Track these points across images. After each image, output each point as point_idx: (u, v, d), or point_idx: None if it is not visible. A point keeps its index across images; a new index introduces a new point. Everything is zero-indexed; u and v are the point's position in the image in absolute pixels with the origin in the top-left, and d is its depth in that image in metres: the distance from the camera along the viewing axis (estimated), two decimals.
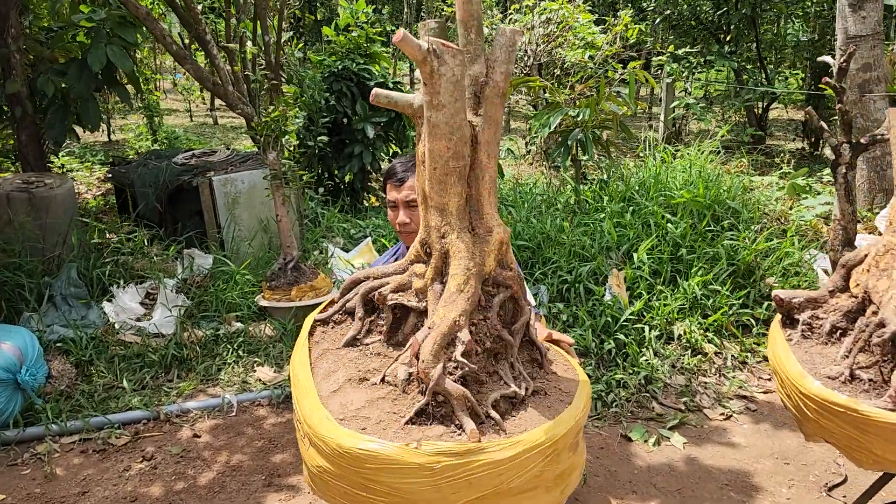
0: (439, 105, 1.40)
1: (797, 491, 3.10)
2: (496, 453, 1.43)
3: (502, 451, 1.44)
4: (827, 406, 1.93)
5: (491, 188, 1.59)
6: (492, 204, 1.63)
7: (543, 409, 1.59)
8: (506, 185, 6.66)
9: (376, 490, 1.46)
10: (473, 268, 1.59)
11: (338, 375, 1.70)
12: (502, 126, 1.54)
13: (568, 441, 1.54)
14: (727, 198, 5.22)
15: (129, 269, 4.72)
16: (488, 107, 1.50)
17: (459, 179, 1.54)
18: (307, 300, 4.47)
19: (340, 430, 1.49)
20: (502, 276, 1.65)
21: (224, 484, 3.12)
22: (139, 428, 3.54)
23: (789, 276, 4.71)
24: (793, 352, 2.15)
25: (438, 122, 1.42)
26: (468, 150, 1.51)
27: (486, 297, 1.67)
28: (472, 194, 1.59)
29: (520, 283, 1.72)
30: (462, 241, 1.61)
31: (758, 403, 3.80)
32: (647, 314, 4.24)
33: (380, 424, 1.52)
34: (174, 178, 5.31)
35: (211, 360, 4.10)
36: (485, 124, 1.50)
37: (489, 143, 1.51)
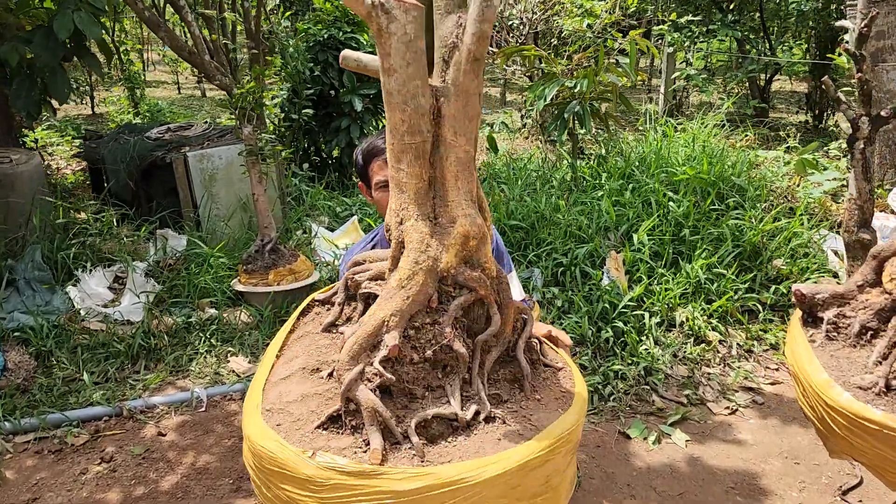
0: (390, 69, 1.12)
1: (809, 494, 2.86)
2: (396, 482, 1.23)
3: (404, 481, 1.23)
4: (858, 422, 1.67)
5: (459, 171, 1.32)
6: (461, 190, 1.36)
7: (490, 441, 1.35)
8: (499, 161, 6.36)
9: (276, 494, 1.34)
10: (424, 262, 1.38)
11: (297, 362, 1.60)
12: (478, 98, 1.26)
13: (503, 488, 1.30)
14: (732, 174, 4.93)
15: (96, 252, 4.43)
16: (456, 74, 1.22)
17: (417, 158, 1.31)
18: (286, 284, 4.21)
19: (255, 422, 1.40)
20: (465, 275, 1.41)
21: (188, 488, 2.88)
22: (100, 425, 3.28)
23: (798, 258, 4.44)
24: (816, 356, 1.88)
25: (391, 89, 1.14)
26: (427, 124, 1.23)
27: (445, 299, 1.44)
28: (436, 177, 1.32)
29: (497, 287, 1.46)
30: (416, 230, 1.39)
31: (765, 396, 3.55)
32: (647, 300, 3.97)
33: (295, 423, 1.39)
34: (146, 154, 5.00)
35: (181, 350, 3.84)
36: (451, 95, 1.22)
37: (456, 118, 1.23)
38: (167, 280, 4.32)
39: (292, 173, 6.25)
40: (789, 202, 5.16)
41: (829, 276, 4.30)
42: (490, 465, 1.28)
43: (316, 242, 5.15)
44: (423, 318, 1.43)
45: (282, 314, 4.14)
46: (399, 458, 1.30)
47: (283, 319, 4.11)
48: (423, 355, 1.41)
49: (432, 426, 1.37)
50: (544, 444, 1.35)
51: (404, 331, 1.40)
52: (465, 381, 1.47)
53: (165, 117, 9.50)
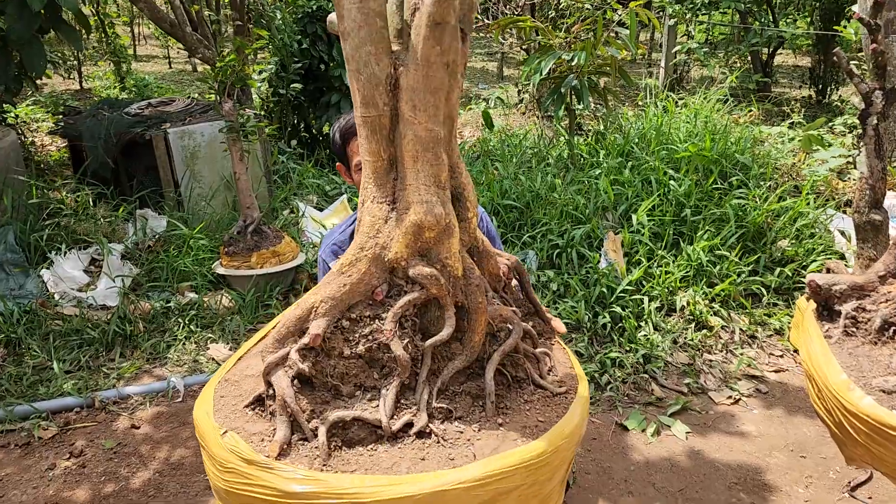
0: (345, 32, 0.96)
1: (816, 491, 2.71)
2: (284, 481, 1.17)
3: (293, 482, 1.17)
4: (881, 430, 1.51)
5: (419, 152, 1.17)
6: (420, 173, 1.22)
7: (410, 459, 1.23)
8: (494, 138, 6.15)
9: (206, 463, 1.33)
10: (370, 249, 1.28)
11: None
12: (443, 69, 1.08)
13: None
14: (736, 151, 4.74)
15: (71, 233, 4.24)
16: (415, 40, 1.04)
17: (374, 133, 1.18)
18: (269, 267, 4.03)
19: (207, 390, 1.42)
20: (417, 271, 1.27)
21: (161, 485, 2.72)
22: (70, 417, 3.12)
23: (803, 239, 4.26)
24: (833, 354, 1.71)
25: (347, 55, 1.00)
26: (383, 95, 1.05)
27: (395, 293, 1.33)
28: (397, 157, 1.16)
29: (464, 290, 1.31)
30: (368, 213, 1.30)
31: (769, 384, 3.39)
32: (646, 283, 3.80)
33: (235, 399, 1.38)
34: (125, 131, 4.78)
35: (159, 337, 3.67)
36: (410, 63, 1.04)
37: (415, 90, 1.07)
38: (145, 263, 4.14)
39: (279, 150, 6.04)
40: (794, 180, 4.98)
41: (835, 258, 4.12)
42: (393, 486, 1.15)
43: (304, 223, 4.97)
44: (362, 309, 1.32)
45: (265, 298, 3.96)
46: (300, 456, 1.23)
47: (267, 304, 3.95)
48: (355, 350, 1.31)
49: (352, 429, 1.27)
50: (470, 476, 1.18)
51: (337, 321, 1.31)
52: (407, 387, 1.34)
53: (152, 93, 9.24)
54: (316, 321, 1.28)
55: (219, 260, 4.12)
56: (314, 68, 6.39)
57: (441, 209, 1.22)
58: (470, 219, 1.41)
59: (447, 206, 1.24)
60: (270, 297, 3.99)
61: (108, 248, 4.06)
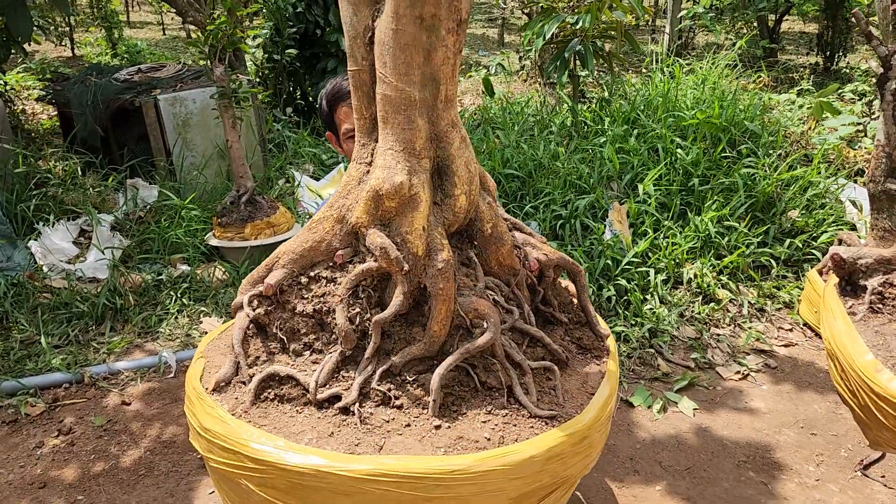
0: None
1: (827, 469, 2.63)
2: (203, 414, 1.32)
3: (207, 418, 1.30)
4: None
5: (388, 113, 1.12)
6: (389, 136, 1.16)
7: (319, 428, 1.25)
8: (495, 105, 5.98)
9: None
10: (337, 208, 1.27)
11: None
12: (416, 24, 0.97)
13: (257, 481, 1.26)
14: (745, 119, 4.58)
15: (59, 203, 4.11)
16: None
17: (356, 90, 1.15)
18: (264, 239, 3.92)
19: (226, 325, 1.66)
20: (370, 240, 1.23)
21: (152, 465, 2.64)
22: (59, 393, 3.02)
23: (814, 209, 4.14)
24: (859, 332, 1.60)
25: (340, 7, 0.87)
26: (361, 49, 1.01)
27: (357, 260, 1.31)
28: (374, 114, 1.09)
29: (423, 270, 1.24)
30: (348, 174, 1.29)
31: (778, 359, 3.30)
32: (652, 255, 3.69)
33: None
34: (114, 98, 4.63)
35: (150, 310, 3.57)
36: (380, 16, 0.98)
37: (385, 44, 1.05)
38: (136, 234, 4.02)
39: (274, 118, 5.88)
40: (804, 149, 4.83)
41: (846, 229, 4.01)
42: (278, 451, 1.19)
43: (300, 192, 4.84)
44: (322, 269, 1.32)
45: None
46: (229, 397, 1.30)
47: None
48: (306, 308, 1.31)
49: (286, 386, 1.29)
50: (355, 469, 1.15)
51: (296, 276, 1.31)
52: (354, 360, 1.31)
53: (145, 59, 9.03)
54: (274, 272, 1.29)
55: (212, 231, 4.00)
56: (310, 33, 6.20)
57: (403, 178, 1.11)
58: (456, 196, 1.28)
59: (417, 176, 1.13)
60: None
61: (98, 219, 3.94)
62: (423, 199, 1.18)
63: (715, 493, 2.50)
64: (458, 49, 1.10)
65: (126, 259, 3.89)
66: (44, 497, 2.47)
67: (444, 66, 1.12)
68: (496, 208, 1.46)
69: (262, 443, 1.19)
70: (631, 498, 2.48)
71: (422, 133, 1.17)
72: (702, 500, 2.47)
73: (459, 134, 1.26)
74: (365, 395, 1.27)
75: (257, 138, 5.03)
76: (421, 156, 1.19)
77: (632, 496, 2.49)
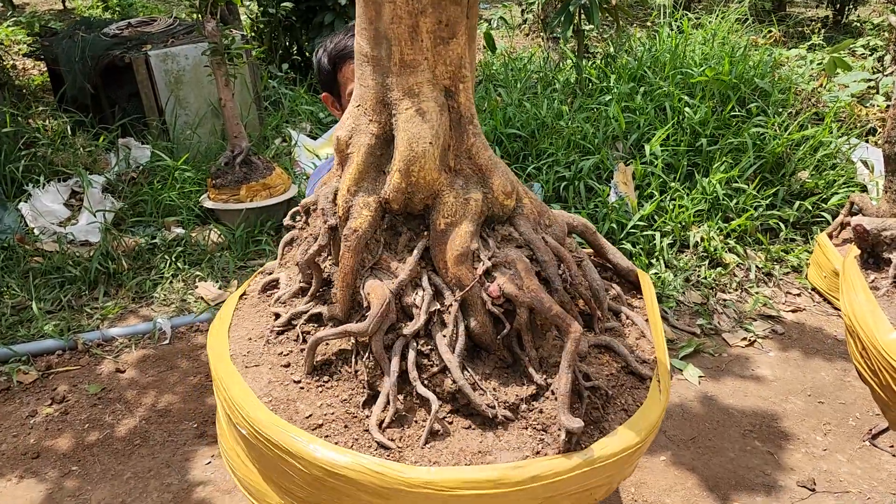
0: None
1: (835, 438, 2.58)
2: None
3: None
4: None
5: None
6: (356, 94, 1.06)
7: None
8: (497, 61, 5.81)
9: None
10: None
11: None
12: None
13: None
14: (755, 76, 4.44)
15: (48, 164, 4.00)
16: None
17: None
18: (260, 200, 3.82)
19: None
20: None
21: (147, 434, 2.59)
22: (52, 361, 2.97)
23: (824, 170, 4.03)
24: (882, 308, 1.53)
25: None
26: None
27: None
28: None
29: None
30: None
31: (785, 325, 3.23)
32: (658, 218, 3.60)
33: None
34: (103, 53, 4.47)
35: (144, 275, 3.49)
36: None
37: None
38: (129, 196, 3.92)
39: (269, 75, 5.72)
40: (814, 107, 4.69)
41: (857, 191, 3.90)
42: None
43: (297, 152, 4.71)
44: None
45: (255, 234, 3.76)
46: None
47: (258, 240, 3.75)
48: None
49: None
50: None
51: None
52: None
53: (137, 12, 8.78)
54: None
55: (206, 193, 3.90)
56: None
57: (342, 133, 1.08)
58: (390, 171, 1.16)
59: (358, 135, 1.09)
60: (262, 232, 3.79)
61: (89, 181, 3.83)
62: (355, 161, 1.10)
63: (720, 462, 2.46)
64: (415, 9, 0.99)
65: (119, 222, 3.80)
66: (37, 468, 2.43)
67: (395, 26, 1.01)
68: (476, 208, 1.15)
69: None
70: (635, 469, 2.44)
71: (370, 93, 1.08)
72: (707, 470, 2.43)
73: (416, 107, 1.10)
74: None
75: (252, 96, 4.89)
76: (370, 118, 1.10)
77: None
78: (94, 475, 2.41)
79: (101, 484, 2.37)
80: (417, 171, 1.07)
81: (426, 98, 1.06)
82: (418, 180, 1.08)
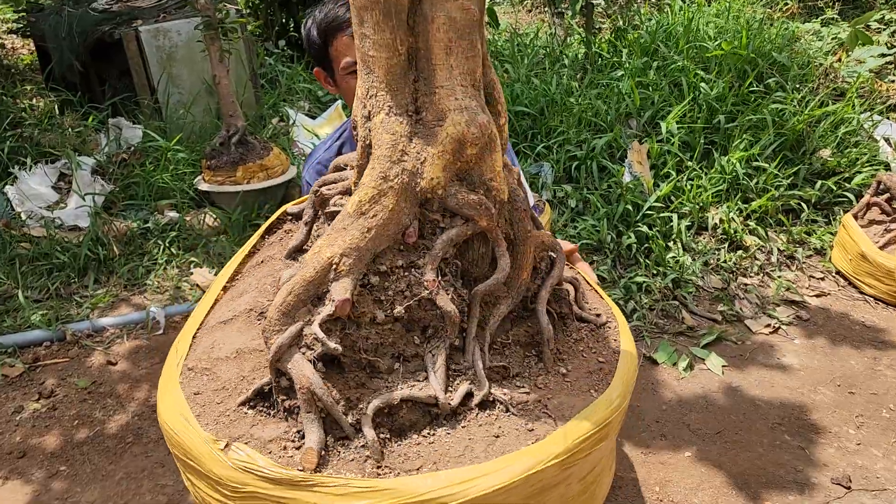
0: None
1: (868, 432, 2.44)
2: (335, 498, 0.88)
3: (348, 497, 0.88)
4: None
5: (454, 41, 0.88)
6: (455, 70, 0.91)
7: (483, 439, 0.98)
8: (500, 37, 5.62)
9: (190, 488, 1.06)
10: (396, 178, 0.96)
11: (245, 299, 1.27)
12: None
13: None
14: (772, 50, 4.25)
15: (35, 145, 3.82)
16: None
17: (386, 18, 0.87)
18: (257, 182, 3.65)
19: (170, 385, 1.10)
20: (459, 199, 0.98)
21: (140, 431, 2.44)
22: (39, 353, 2.82)
23: (846, 147, 3.86)
24: None
25: None
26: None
27: (429, 232, 1.03)
28: (418, 48, 0.80)
29: (510, 216, 1.03)
30: (386, 130, 0.96)
31: (810, 311, 3.08)
32: (675, 199, 3.43)
33: (218, 393, 1.07)
34: (91, 29, 4.28)
35: (137, 261, 3.33)
36: None
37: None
38: (120, 178, 3.74)
39: (266, 52, 5.52)
40: (833, 82, 4.52)
41: (882, 169, 3.74)
42: (480, 478, 0.89)
43: (295, 132, 4.54)
44: (392, 258, 1.02)
45: (253, 217, 3.60)
46: (345, 462, 0.94)
47: (256, 224, 3.58)
48: (392, 313, 1.01)
49: (401, 413, 1.00)
50: (565, 444, 0.95)
51: (363, 277, 1.00)
52: (455, 347, 1.06)
53: None
54: (339, 282, 0.96)
55: (201, 175, 3.73)
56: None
57: (484, 116, 0.87)
58: (503, 126, 1.05)
59: (486, 111, 0.88)
60: (259, 215, 3.62)
61: (78, 162, 3.66)
62: (496, 135, 0.96)
63: (749, 458, 2.32)
64: None
65: (109, 205, 3.63)
66: (23, 468, 2.29)
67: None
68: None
69: (439, 484, 0.89)
70: (658, 465, 2.30)
71: (482, 59, 0.96)
72: (735, 466, 2.29)
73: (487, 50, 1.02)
74: (488, 378, 1.05)
75: (248, 73, 4.70)
76: (480, 87, 0.98)
77: (659, 463, 2.31)
78: (84, 476, 2.26)
79: (90, 485, 2.23)
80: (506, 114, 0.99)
81: None
82: None
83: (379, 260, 0.99)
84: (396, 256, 1.00)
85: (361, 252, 0.97)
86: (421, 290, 1.00)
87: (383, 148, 0.93)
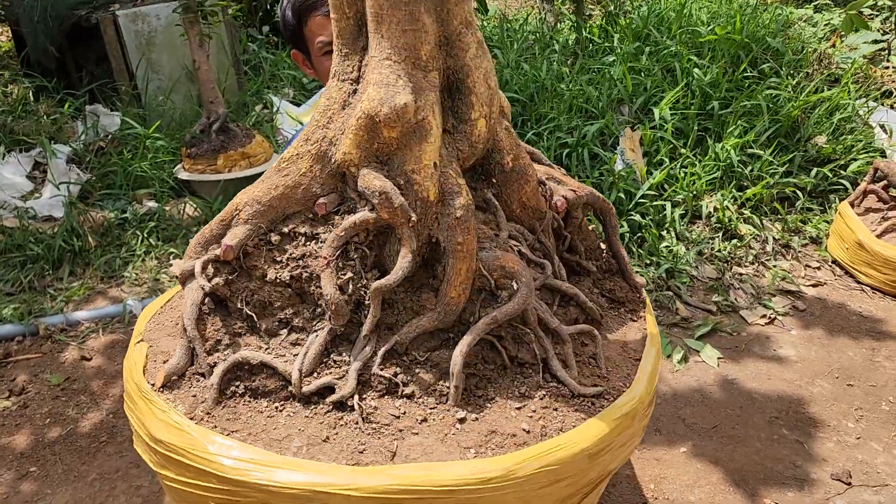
0: None
1: (868, 425, 2.37)
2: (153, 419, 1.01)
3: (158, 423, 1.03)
4: None
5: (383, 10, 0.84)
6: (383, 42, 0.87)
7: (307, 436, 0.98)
8: (489, 23, 5.51)
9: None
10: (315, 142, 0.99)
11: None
12: None
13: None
14: (766, 35, 4.17)
15: (9, 133, 3.69)
16: None
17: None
18: (238, 171, 3.55)
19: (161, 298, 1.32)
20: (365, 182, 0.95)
21: (114, 429, 2.34)
22: (10, 348, 2.71)
23: (842, 134, 3.79)
24: None
25: None
26: None
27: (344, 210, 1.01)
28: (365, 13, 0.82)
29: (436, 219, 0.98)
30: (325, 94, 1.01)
31: (806, 300, 3.02)
32: (668, 187, 3.35)
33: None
34: (67, 13, 4.14)
35: (114, 252, 3.22)
36: None
37: None
38: (97, 167, 3.63)
39: (249, 37, 5.39)
40: (827, 68, 4.44)
41: (878, 156, 3.67)
42: (262, 468, 0.89)
43: (278, 119, 4.43)
44: (299, 224, 1.01)
45: None
46: (186, 395, 0.99)
47: None
48: (280, 275, 1.01)
49: (260, 376, 0.99)
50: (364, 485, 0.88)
51: (264, 233, 1.01)
52: (346, 338, 1.02)
53: None
54: (234, 229, 0.99)
55: (181, 163, 3.62)
56: None
57: (407, 98, 0.78)
58: (473, 121, 0.96)
59: (424, 95, 0.80)
60: None
61: (53, 151, 3.54)
62: (433, 125, 0.87)
63: (746, 454, 2.25)
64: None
65: (86, 195, 3.52)
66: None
67: None
68: (515, 135, 1.13)
69: (235, 456, 0.90)
70: (653, 462, 2.22)
71: (429, 36, 0.87)
72: (732, 462, 2.22)
73: (476, 37, 0.93)
74: (365, 383, 0.99)
75: (230, 59, 4.58)
76: (428, 67, 0.89)
77: (654, 459, 2.23)
78: (55, 476, 2.16)
79: (62, 486, 2.13)
80: (494, 112, 0.91)
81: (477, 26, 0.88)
82: (493, 123, 0.93)
83: (287, 221, 1.00)
84: (304, 223, 1.00)
85: (264, 206, 0.98)
86: (313, 263, 0.99)
87: (317, 112, 0.90)
